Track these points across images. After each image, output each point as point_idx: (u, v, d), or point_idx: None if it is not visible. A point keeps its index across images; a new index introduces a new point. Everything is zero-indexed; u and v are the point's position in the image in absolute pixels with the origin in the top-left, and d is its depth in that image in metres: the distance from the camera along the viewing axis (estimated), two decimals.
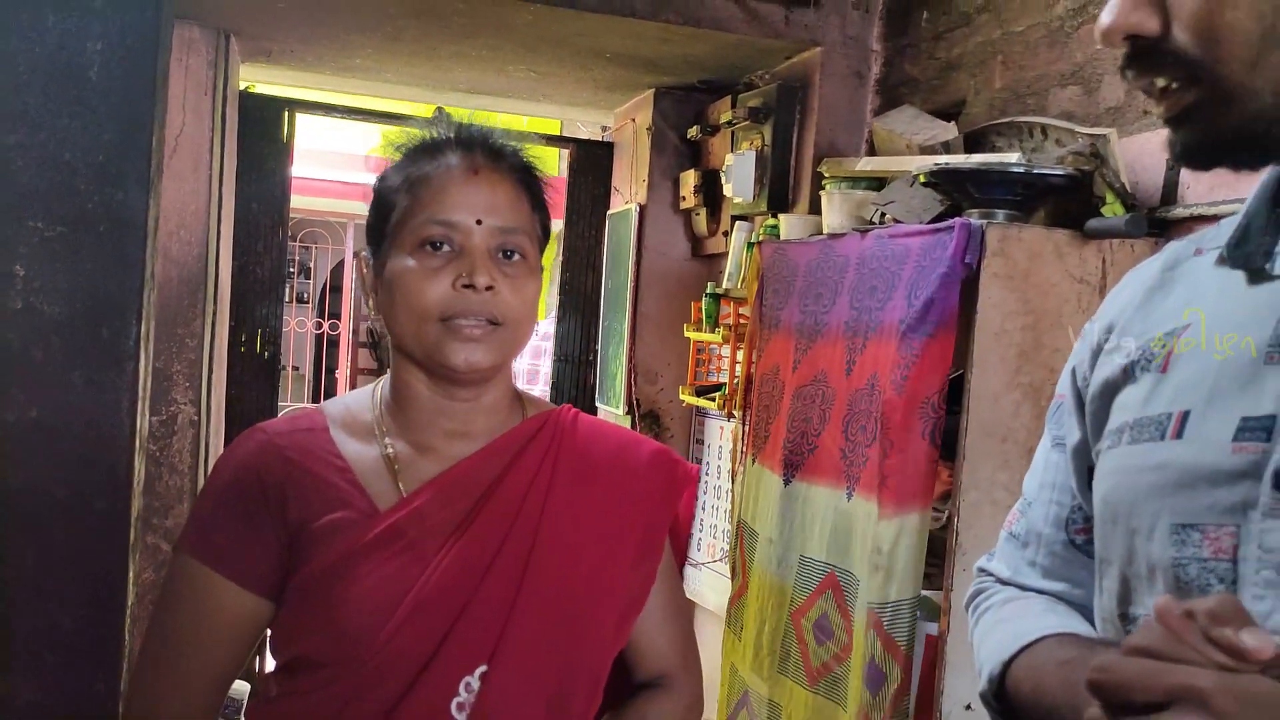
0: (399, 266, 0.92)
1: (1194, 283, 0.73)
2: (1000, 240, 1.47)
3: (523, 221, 0.95)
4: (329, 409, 0.99)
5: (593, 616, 0.95)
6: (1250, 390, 0.62)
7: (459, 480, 0.94)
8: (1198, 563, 0.62)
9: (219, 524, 0.92)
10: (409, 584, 0.88)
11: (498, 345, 0.92)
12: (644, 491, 1.00)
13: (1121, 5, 0.61)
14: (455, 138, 0.96)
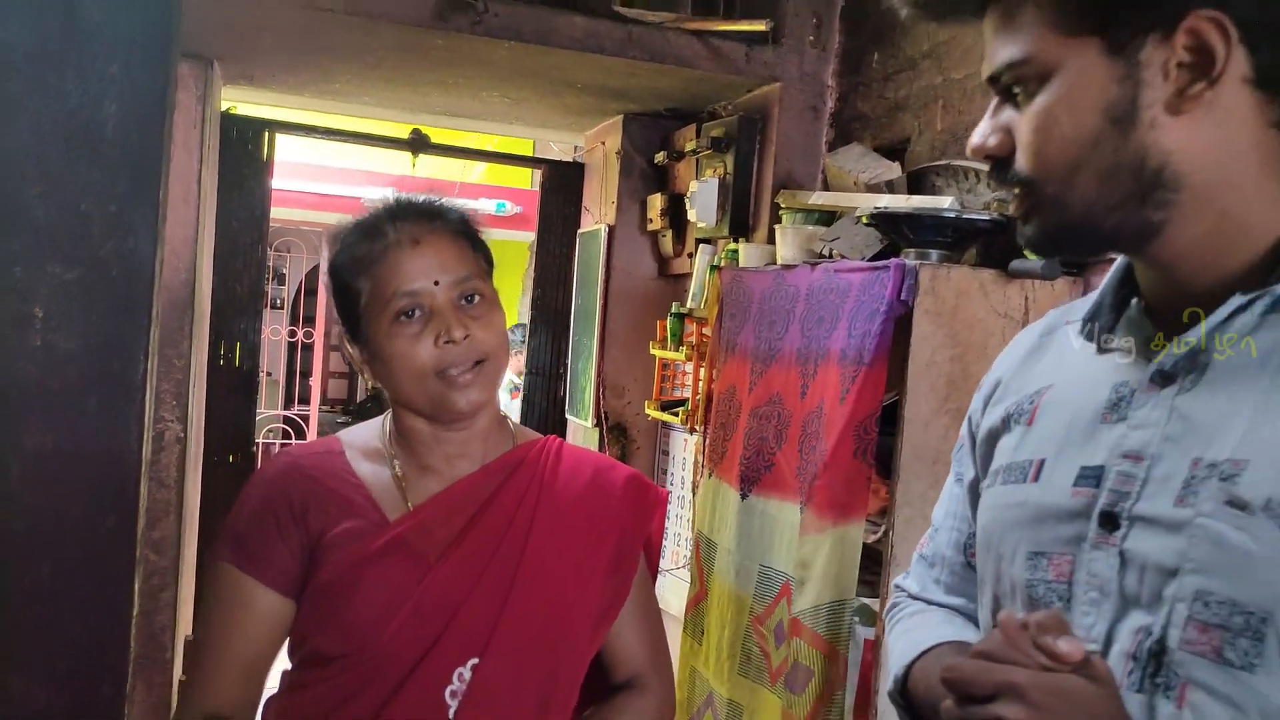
0: (383, 340, 1.06)
1: (1060, 350, 0.87)
2: (931, 279, 1.62)
3: (470, 268, 1.09)
4: (345, 437, 1.15)
5: (572, 618, 1.09)
6: (1089, 445, 0.77)
7: (458, 497, 1.08)
8: (1044, 584, 0.76)
9: (253, 534, 1.06)
10: (411, 586, 1.02)
11: (487, 379, 1.07)
12: (618, 511, 1.14)
13: (983, 131, 0.76)
14: (389, 217, 1.09)
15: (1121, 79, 0.69)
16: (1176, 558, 0.67)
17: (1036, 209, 0.75)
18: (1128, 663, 0.69)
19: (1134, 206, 0.71)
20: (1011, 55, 0.72)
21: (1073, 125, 0.70)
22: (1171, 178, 0.70)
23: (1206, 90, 0.68)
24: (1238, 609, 0.64)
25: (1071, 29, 0.70)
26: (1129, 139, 0.70)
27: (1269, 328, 0.69)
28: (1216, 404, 0.70)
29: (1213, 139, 0.69)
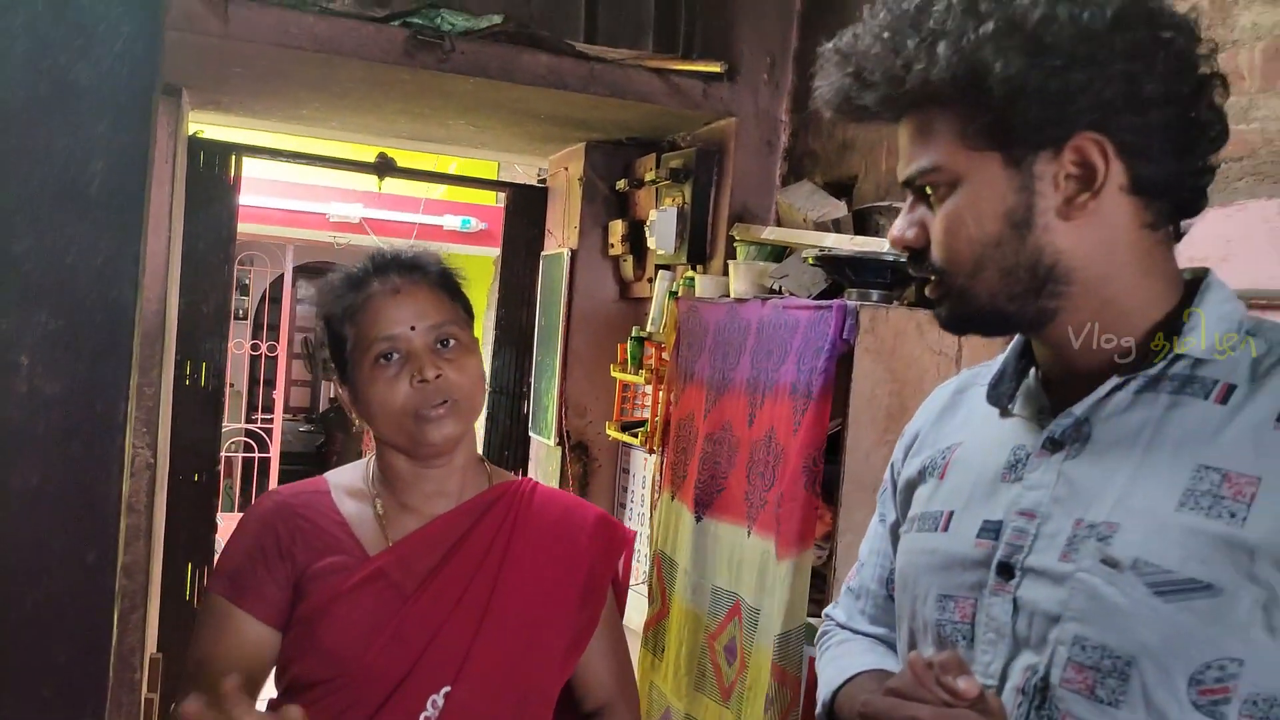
0: (364, 383, 1.14)
1: (969, 409, 0.97)
2: (871, 319, 1.73)
3: (447, 314, 1.17)
4: (331, 478, 1.23)
5: (543, 648, 1.16)
6: (990, 500, 0.87)
7: (435, 533, 1.16)
8: (951, 624, 0.86)
9: (243, 569, 1.14)
10: (390, 615, 1.10)
11: (458, 418, 1.15)
12: (587, 549, 1.22)
13: (901, 226, 0.86)
14: (373, 269, 1.18)
15: (1019, 189, 0.79)
16: (1059, 606, 0.77)
17: (947, 296, 0.85)
18: (1018, 696, 0.79)
19: (1031, 298, 0.81)
20: (924, 163, 0.82)
21: (978, 228, 0.80)
22: (1063, 273, 0.80)
23: (1090, 199, 0.78)
24: (1107, 653, 0.74)
25: (976, 144, 0.79)
26: (1026, 241, 0.79)
27: (1142, 405, 0.80)
28: (1097, 471, 0.80)
29: (1097, 239, 0.80)
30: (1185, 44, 0.78)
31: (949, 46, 0.76)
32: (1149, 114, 0.77)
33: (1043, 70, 0.75)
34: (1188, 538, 0.73)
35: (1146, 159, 0.78)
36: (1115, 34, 0.75)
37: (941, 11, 0.78)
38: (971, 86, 0.76)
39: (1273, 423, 0.74)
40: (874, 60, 0.80)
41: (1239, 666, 0.70)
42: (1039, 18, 0.75)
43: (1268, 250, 1.39)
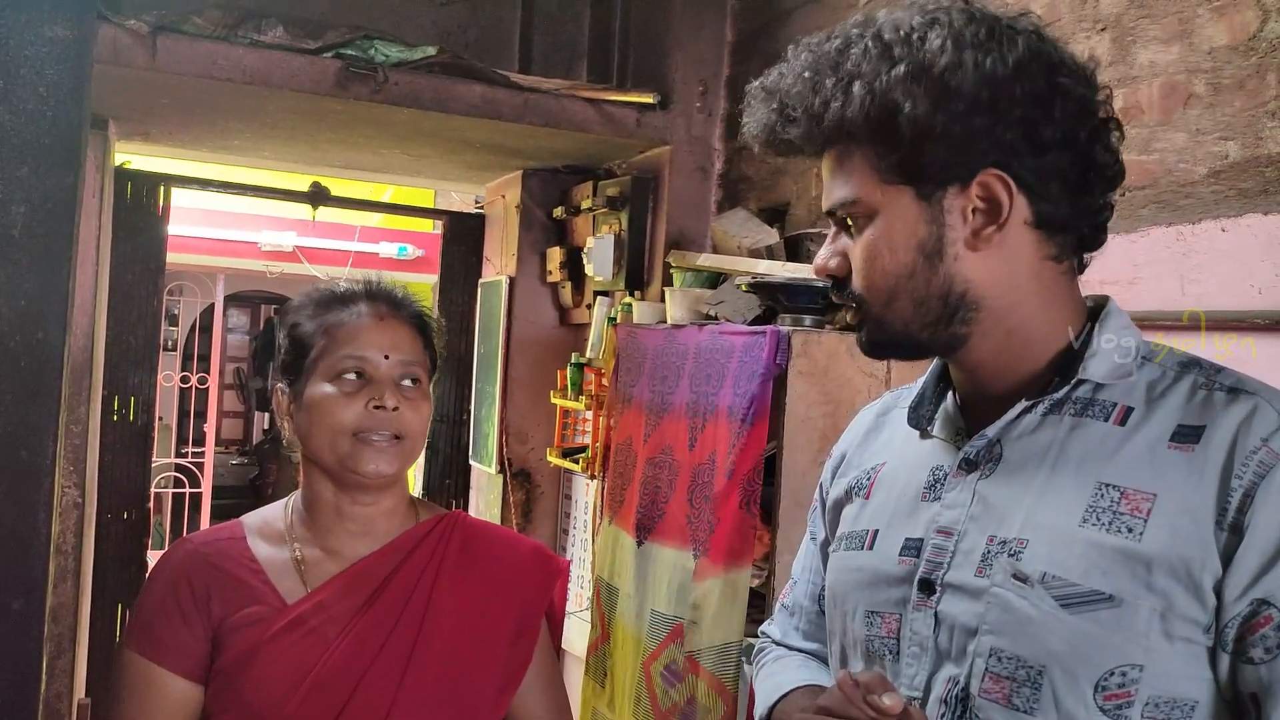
0: (318, 392, 1.13)
1: (892, 431, 1.01)
2: (803, 344, 1.78)
3: (419, 356, 1.18)
4: (247, 521, 1.20)
5: (473, 689, 1.15)
6: (911, 519, 0.91)
7: (357, 576, 1.14)
8: (879, 639, 0.90)
9: (158, 623, 1.11)
10: (311, 664, 1.08)
11: (399, 456, 1.14)
12: (520, 582, 1.21)
13: (824, 254, 0.89)
14: (365, 293, 1.20)
15: (930, 221, 0.83)
16: (976, 620, 0.81)
17: (867, 323, 0.89)
18: (940, 707, 0.83)
19: (944, 324, 0.85)
20: (844, 196, 0.86)
21: (893, 257, 0.84)
22: (972, 301, 0.84)
23: (996, 232, 0.83)
24: (1021, 663, 0.78)
25: (889, 179, 0.83)
26: (938, 270, 0.84)
27: (1048, 427, 0.85)
28: (1008, 490, 0.84)
29: (1002, 270, 0.84)
30: (1083, 91, 0.83)
31: (863, 87, 0.81)
32: (1047, 156, 0.82)
33: (948, 113, 0.79)
34: (1090, 552, 0.77)
35: (1046, 197, 0.83)
36: (1016, 82, 0.80)
37: (859, 54, 0.83)
38: (883, 126, 0.81)
39: (1166, 442, 0.79)
40: (796, 98, 0.85)
41: (1139, 672, 0.75)
42: (946, 64, 0.80)
43: (1170, 274, 1.47)
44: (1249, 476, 0.74)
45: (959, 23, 0.82)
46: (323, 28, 2.44)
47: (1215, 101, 1.45)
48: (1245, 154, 1.41)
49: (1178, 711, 0.75)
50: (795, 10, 2.52)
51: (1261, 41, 1.39)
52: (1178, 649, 0.75)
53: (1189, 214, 1.47)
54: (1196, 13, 1.48)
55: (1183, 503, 0.76)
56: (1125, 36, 1.59)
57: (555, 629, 1.27)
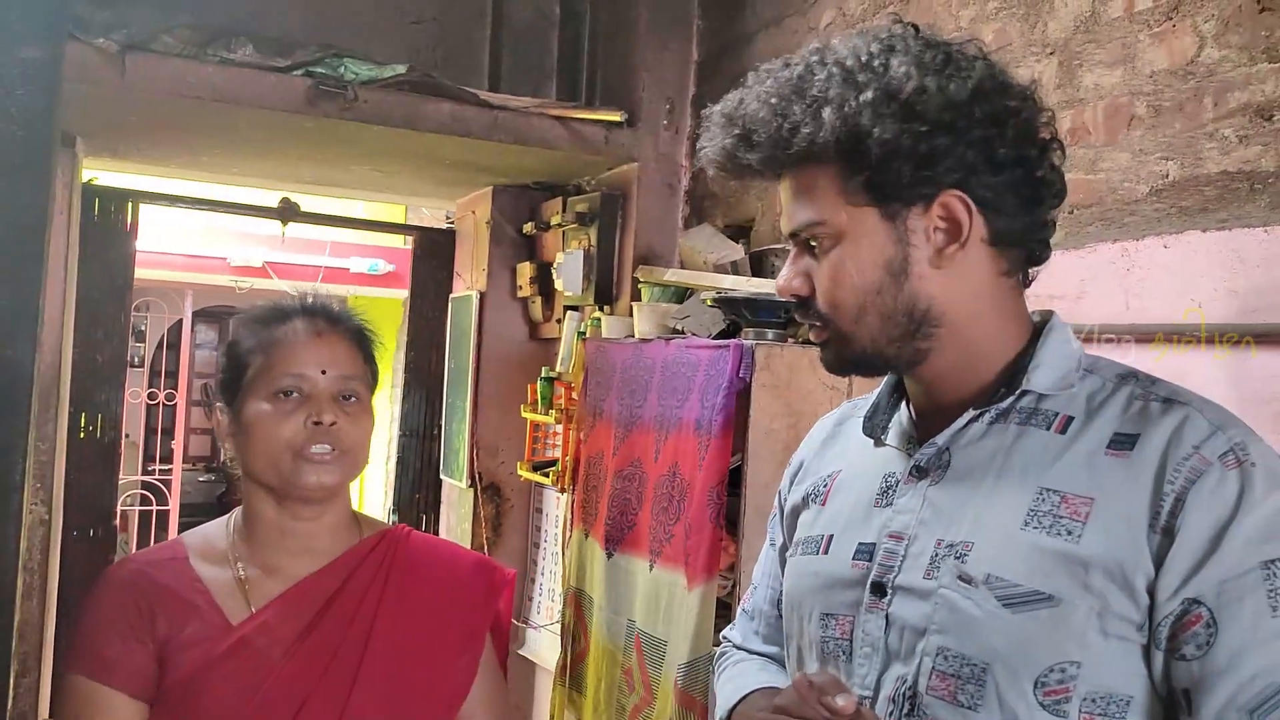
0: (257, 411, 1.13)
1: (848, 440, 1.05)
2: (766, 357, 1.82)
3: (358, 371, 1.19)
4: (188, 540, 1.19)
5: (419, 705, 1.15)
6: (864, 525, 0.95)
7: (301, 595, 1.14)
8: (833, 640, 0.93)
9: (105, 640, 1.09)
10: (256, 686, 1.08)
11: (341, 469, 1.15)
12: (465, 595, 1.22)
13: (787, 274, 0.93)
14: (301, 309, 1.20)
15: (895, 240, 0.87)
16: (924, 620, 0.85)
17: (832, 340, 0.92)
18: (890, 705, 0.86)
19: (908, 340, 0.89)
20: (809, 217, 0.89)
21: (860, 276, 0.88)
22: (935, 317, 0.88)
23: (958, 250, 0.87)
24: (966, 661, 0.82)
25: (855, 200, 0.87)
26: (903, 287, 0.88)
27: (994, 435, 0.89)
28: (956, 495, 0.89)
29: (962, 286, 0.89)
30: (1030, 113, 0.89)
31: (832, 112, 0.84)
32: (1002, 174, 0.86)
33: (913, 135, 0.84)
34: (1031, 553, 0.81)
35: (1002, 213, 0.88)
36: (974, 104, 0.85)
37: (823, 81, 0.86)
38: (851, 148, 0.85)
39: (1104, 450, 0.83)
40: (760, 123, 0.88)
41: (1077, 669, 0.79)
42: (912, 89, 0.84)
43: (1114, 289, 1.53)
44: (1180, 482, 0.78)
45: (916, 49, 0.87)
46: (292, 46, 2.46)
47: (1156, 123, 1.51)
48: (1185, 173, 1.47)
49: (1114, 707, 0.79)
50: (758, 33, 2.58)
51: (1199, 66, 1.45)
52: (1113, 646, 0.79)
53: (1133, 231, 1.53)
54: (1138, 38, 1.55)
55: (1118, 507, 0.80)
56: (1072, 60, 1.66)
57: (500, 641, 1.27)
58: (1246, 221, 1.37)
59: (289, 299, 1.21)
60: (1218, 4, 1.43)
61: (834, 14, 2.30)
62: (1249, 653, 0.74)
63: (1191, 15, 1.47)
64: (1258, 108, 1.37)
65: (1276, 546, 0.76)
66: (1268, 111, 1.36)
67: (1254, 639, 0.75)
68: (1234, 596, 0.76)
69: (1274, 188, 1.35)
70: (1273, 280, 1.32)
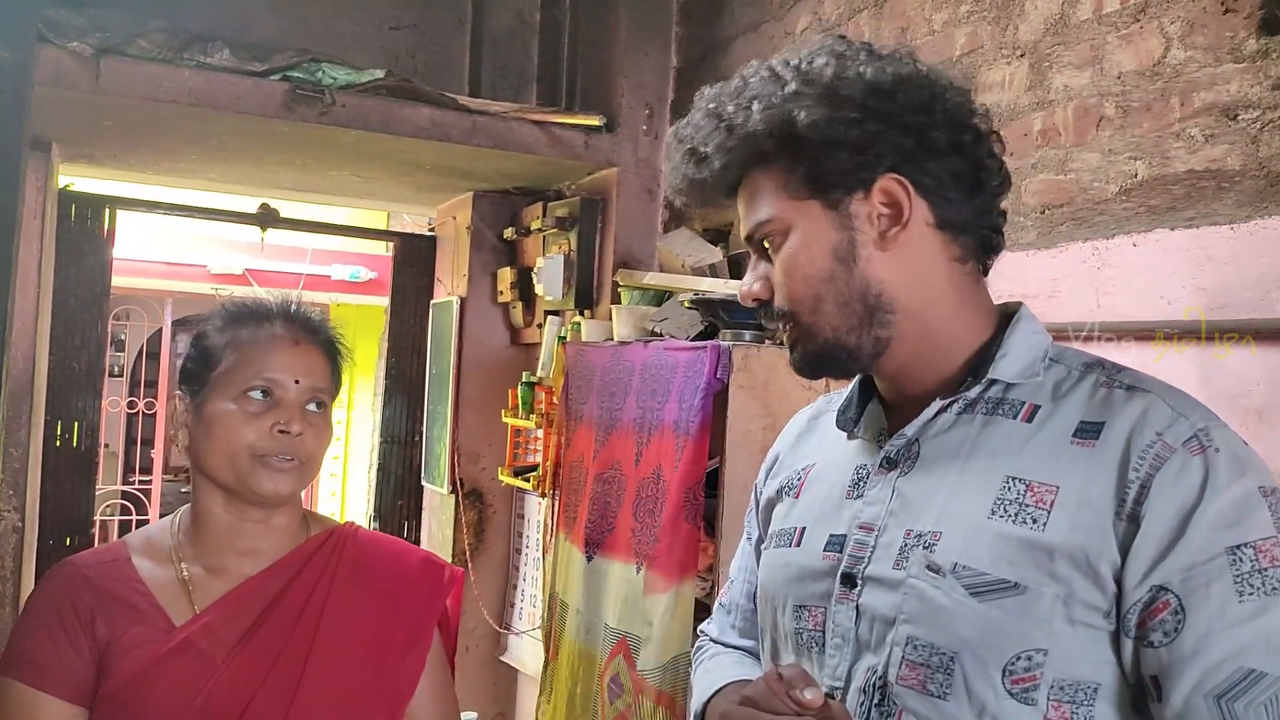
0: (221, 409, 1.12)
1: (822, 434, 1.06)
2: (743, 358, 1.83)
3: (327, 383, 1.18)
4: (130, 540, 1.17)
5: (366, 703, 1.14)
6: (836, 516, 0.95)
7: (245, 596, 1.12)
8: (806, 631, 0.93)
9: (40, 645, 1.07)
10: (199, 688, 1.06)
11: (298, 478, 1.14)
12: (411, 593, 1.20)
13: (748, 280, 0.94)
14: (283, 314, 1.19)
15: (839, 227, 0.89)
16: (894, 610, 0.85)
17: (799, 338, 0.92)
18: (861, 696, 0.86)
19: (866, 327, 0.90)
20: (759, 218, 0.91)
21: (810, 265, 0.89)
22: (888, 301, 0.89)
23: (901, 232, 0.88)
24: (934, 650, 0.82)
25: (797, 194, 0.89)
26: (853, 272, 0.89)
27: (962, 425, 0.89)
28: (924, 485, 0.89)
29: (912, 269, 0.90)
30: (960, 100, 0.91)
31: (760, 105, 0.87)
32: (938, 159, 0.88)
33: (842, 121, 0.86)
34: (997, 542, 0.82)
35: (944, 198, 0.89)
36: (898, 90, 0.87)
37: (756, 83, 0.90)
38: (784, 139, 0.87)
39: (1069, 438, 0.84)
40: (703, 134, 0.91)
41: (1044, 656, 0.79)
42: (831, 74, 0.87)
43: (1086, 287, 1.54)
44: (1145, 469, 0.79)
45: (839, 48, 0.90)
46: (270, 51, 2.45)
47: (1125, 123, 1.53)
48: (1153, 173, 1.49)
49: (1081, 694, 0.79)
50: (736, 38, 2.59)
51: (1166, 67, 1.47)
52: (1079, 634, 0.79)
53: (1103, 230, 1.55)
54: (1106, 40, 1.57)
55: (1083, 495, 0.80)
56: (1042, 62, 1.68)
57: (449, 639, 1.26)
58: (1214, 219, 1.39)
59: (270, 301, 1.20)
60: (1183, 6, 1.45)
61: (810, 19, 2.32)
62: (1216, 638, 0.75)
63: (1158, 17, 1.49)
64: (1223, 107, 1.39)
65: (1241, 532, 0.76)
66: (1233, 111, 1.38)
67: (1221, 625, 0.75)
68: (1200, 583, 0.76)
69: (1240, 186, 1.36)
70: (1240, 277, 1.34)
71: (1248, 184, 1.35)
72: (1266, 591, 0.75)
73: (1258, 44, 1.35)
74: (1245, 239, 1.34)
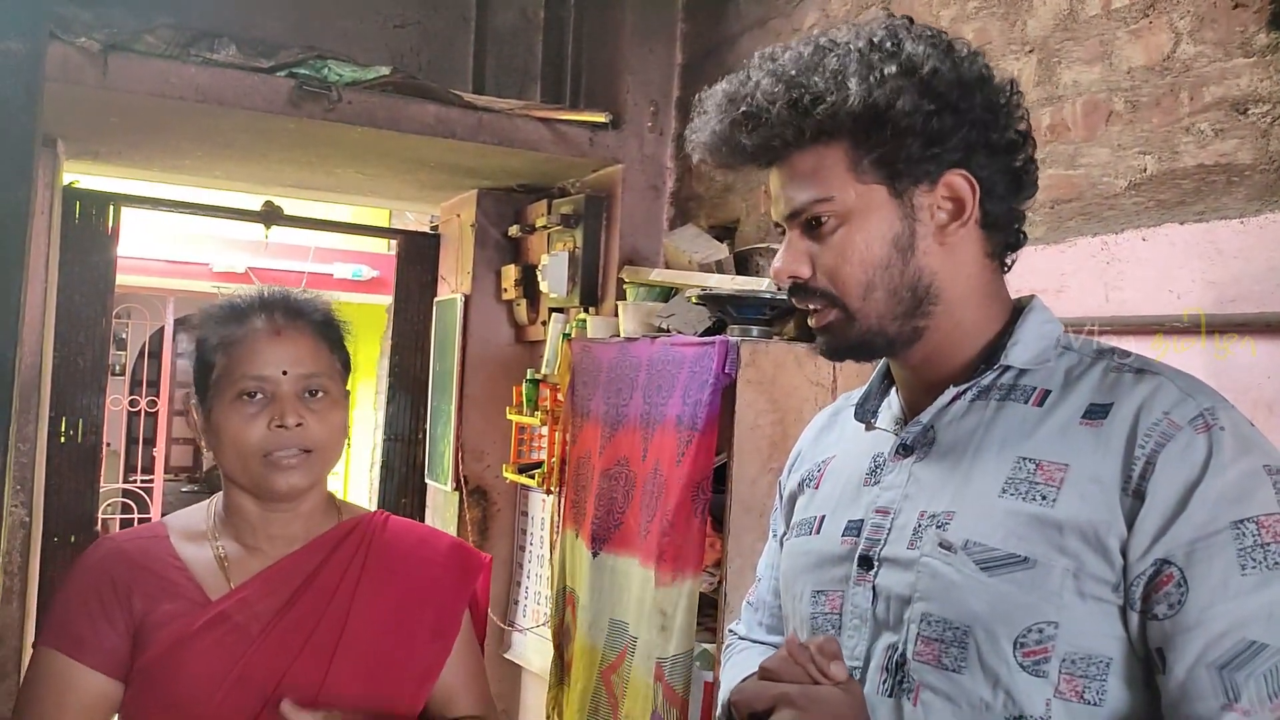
0: (222, 415, 1.13)
1: (842, 428, 1.07)
2: (752, 353, 1.83)
3: (323, 365, 1.17)
4: (170, 521, 1.20)
5: (394, 683, 1.16)
6: (854, 503, 0.96)
7: (281, 573, 1.14)
8: (823, 615, 0.94)
9: (78, 618, 1.10)
10: (235, 660, 1.08)
11: (311, 468, 1.14)
12: (439, 578, 1.22)
13: (785, 257, 0.92)
14: (259, 304, 1.17)
15: (903, 217, 0.89)
16: (909, 589, 0.86)
17: (836, 322, 0.91)
18: (881, 674, 0.87)
19: (909, 317, 0.90)
20: (813, 195, 0.88)
21: (869, 251, 0.89)
22: (935, 294, 0.90)
23: (961, 228, 0.89)
24: (948, 626, 0.83)
25: (865, 178, 0.88)
26: (909, 263, 0.89)
27: (975, 411, 0.91)
28: (939, 469, 0.90)
29: (958, 265, 0.91)
30: (1017, 102, 0.92)
31: (859, 82, 0.86)
32: (997, 157, 0.89)
33: (927, 112, 0.86)
34: (1008, 520, 0.83)
35: (994, 196, 0.90)
36: (978, 88, 0.88)
37: (842, 56, 0.88)
38: (874, 120, 0.86)
39: (1079, 419, 0.85)
40: (775, 98, 0.87)
41: (1055, 629, 0.80)
42: (931, 66, 0.86)
43: (1094, 282, 1.54)
44: (1151, 446, 0.80)
45: (926, 34, 0.90)
46: (276, 48, 2.46)
47: (1134, 118, 1.53)
48: (1162, 167, 1.49)
49: (1094, 668, 0.80)
50: (742, 35, 2.59)
51: (1175, 62, 1.48)
52: (1090, 607, 0.80)
53: (1112, 225, 1.55)
54: (1115, 35, 1.57)
55: (1092, 472, 0.82)
56: (1051, 58, 1.68)
57: (479, 623, 1.28)
58: (1223, 213, 1.39)
59: (250, 295, 1.19)
60: (1193, 1, 1.45)
61: (818, 15, 2.32)
62: (1218, 610, 0.76)
63: (1167, 12, 1.49)
64: (1233, 102, 1.39)
65: (1245, 507, 0.77)
66: (1243, 105, 1.38)
67: (1223, 596, 0.76)
68: (1204, 556, 0.77)
69: (1250, 180, 1.37)
70: (1250, 270, 1.34)
71: (1257, 178, 1.36)
72: (1269, 566, 0.76)
73: (1268, 38, 1.35)
74: (1255, 233, 1.34)
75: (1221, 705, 0.74)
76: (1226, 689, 0.74)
